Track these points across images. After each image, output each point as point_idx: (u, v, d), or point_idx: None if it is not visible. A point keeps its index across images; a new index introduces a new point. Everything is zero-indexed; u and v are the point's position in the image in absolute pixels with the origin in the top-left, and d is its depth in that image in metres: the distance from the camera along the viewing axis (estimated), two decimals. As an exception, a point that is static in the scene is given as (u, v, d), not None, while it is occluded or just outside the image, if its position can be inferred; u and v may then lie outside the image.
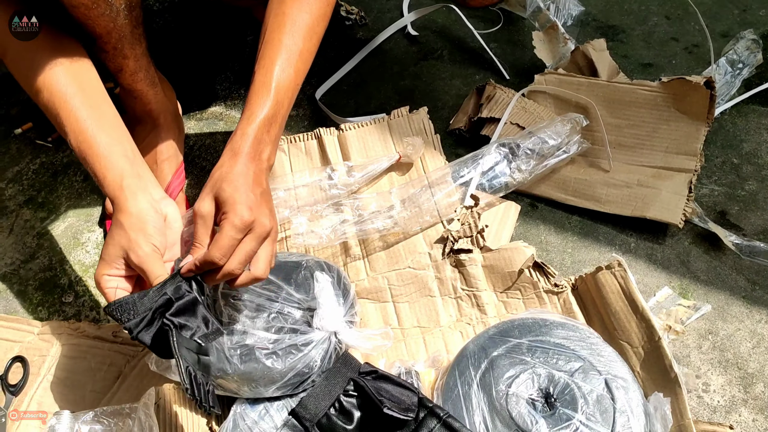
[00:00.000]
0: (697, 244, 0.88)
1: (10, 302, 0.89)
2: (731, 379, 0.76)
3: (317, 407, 0.69)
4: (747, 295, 0.83)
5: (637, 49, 1.13)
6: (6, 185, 1.03)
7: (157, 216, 0.66)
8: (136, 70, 0.87)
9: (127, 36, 0.81)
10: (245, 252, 0.64)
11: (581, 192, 0.92)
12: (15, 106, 1.14)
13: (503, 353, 0.71)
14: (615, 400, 0.66)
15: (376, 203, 0.90)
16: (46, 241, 0.96)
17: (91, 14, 0.75)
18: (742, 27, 1.13)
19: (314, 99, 1.09)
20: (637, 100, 0.94)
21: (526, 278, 0.82)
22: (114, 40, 0.80)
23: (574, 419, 0.64)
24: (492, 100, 0.98)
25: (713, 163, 0.96)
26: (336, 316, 0.73)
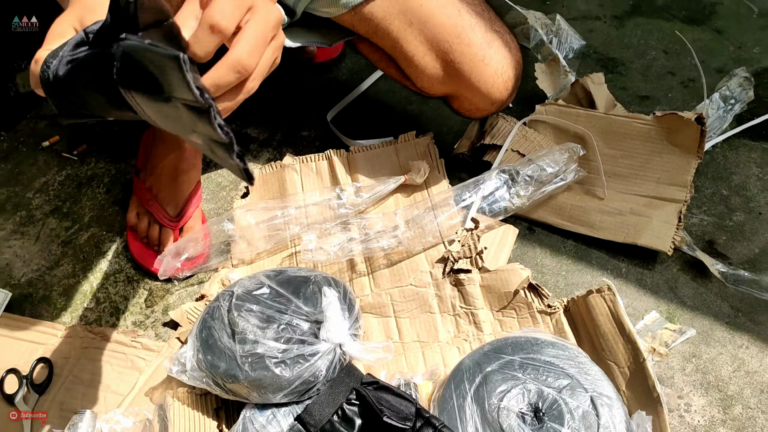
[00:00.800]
0: (685, 271, 0.92)
1: (35, 306, 0.94)
2: (712, 401, 0.80)
3: (321, 414, 0.73)
4: (730, 321, 0.87)
5: (635, 82, 1.17)
6: (33, 195, 1.08)
7: None
8: None
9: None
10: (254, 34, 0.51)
11: (576, 218, 0.97)
12: (43, 120, 1.20)
13: (496, 369, 0.75)
14: (599, 416, 0.70)
15: (382, 223, 0.95)
16: (70, 249, 1.01)
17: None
18: (736, 63, 1.18)
19: (326, 121, 1.15)
20: (632, 132, 0.99)
21: (521, 299, 0.87)
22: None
23: (560, 433, 0.69)
24: (494, 128, 1.03)
25: (703, 194, 1.00)
26: (341, 329, 0.77)
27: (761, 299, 0.87)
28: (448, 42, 0.89)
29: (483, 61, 0.90)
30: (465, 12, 0.90)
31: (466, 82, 0.92)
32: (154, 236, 0.98)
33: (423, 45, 0.91)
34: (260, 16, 0.52)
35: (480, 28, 0.90)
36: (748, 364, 0.83)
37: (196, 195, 1.01)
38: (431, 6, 0.89)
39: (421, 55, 0.91)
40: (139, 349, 0.87)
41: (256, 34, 0.51)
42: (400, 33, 0.91)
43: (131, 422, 0.78)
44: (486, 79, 0.92)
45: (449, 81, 0.93)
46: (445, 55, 0.90)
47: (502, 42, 0.92)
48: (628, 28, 1.27)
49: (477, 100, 0.95)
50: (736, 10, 1.28)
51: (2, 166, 1.12)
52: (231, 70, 0.50)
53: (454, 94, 0.97)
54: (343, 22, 0.95)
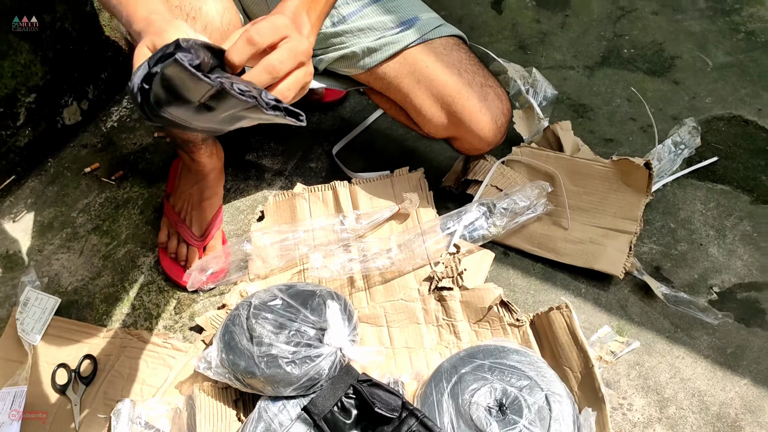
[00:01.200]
0: (634, 292, 1.07)
1: (80, 311, 1.08)
2: (650, 402, 0.95)
3: (324, 405, 0.86)
4: (670, 335, 1.02)
5: (601, 126, 1.33)
6: (77, 215, 1.22)
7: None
8: (203, 151, 1.07)
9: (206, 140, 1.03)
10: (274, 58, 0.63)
11: (544, 245, 1.12)
12: (84, 148, 1.34)
13: (470, 371, 0.89)
14: (552, 410, 0.84)
15: (378, 246, 1.09)
16: (110, 262, 1.15)
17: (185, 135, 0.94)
18: (690, 112, 1.33)
19: (331, 154, 1.30)
20: (593, 173, 1.14)
21: (494, 313, 1.01)
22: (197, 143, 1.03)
23: (519, 423, 0.82)
24: (477, 166, 1.17)
25: (654, 226, 1.15)
26: (342, 335, 0.91)
27: (697, 318, 1.02)
28: (451, 96, 1.04)
29: (480, 111, 1.05)
30: (464, 71, 1.05)
31: (466, 128, 1.07)
32: (182, 253, 1.12)
33: (429, 99, 1.06)
34: (294, 42, 0.65)
35: (476, 84, 1.05)
36: (683, 372, 0.98)
37: (218, 218, 1.14)
38: (435, 68, 1.04)
39: (428, 107, 1.06)
40: (169, 349, 1.01)
41: (288, 49, 0.64)
42: (410, 89, 1.06)
43: (165, 409, 0.92)
44: (482, 126, 1.06)
45: (452, 127, 1.08)
46: (449, 107, 1.05)
47: (494, 95, 1.07)
48: (597, 78, 1.43)
49: (475, 142, 1.09)
50: (693, 63, 1.44)
51: (50, 188, 1.27)
52: (264, 71, 0.62)
53: (456, 137, 1.11)
54: (359, 79, 1.10)
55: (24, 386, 0.95)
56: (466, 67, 1.05)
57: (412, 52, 1.04)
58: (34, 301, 1.04)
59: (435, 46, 1.05)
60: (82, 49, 1.28)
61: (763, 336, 1.00)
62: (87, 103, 1.35)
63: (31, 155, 1.27)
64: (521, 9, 1.60)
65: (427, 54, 1.04)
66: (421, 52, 1.04)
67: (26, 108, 1.21)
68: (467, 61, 1.06)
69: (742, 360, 0.98)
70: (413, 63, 1.04)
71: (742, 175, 1.22)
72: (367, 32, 1.06)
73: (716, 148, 1.26)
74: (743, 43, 1.47)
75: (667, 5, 1.57)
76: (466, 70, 1.05)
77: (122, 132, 1.37)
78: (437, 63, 1.04)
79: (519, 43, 1.51)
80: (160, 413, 0.91)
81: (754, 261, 1.10)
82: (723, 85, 1.38)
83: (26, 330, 1.01)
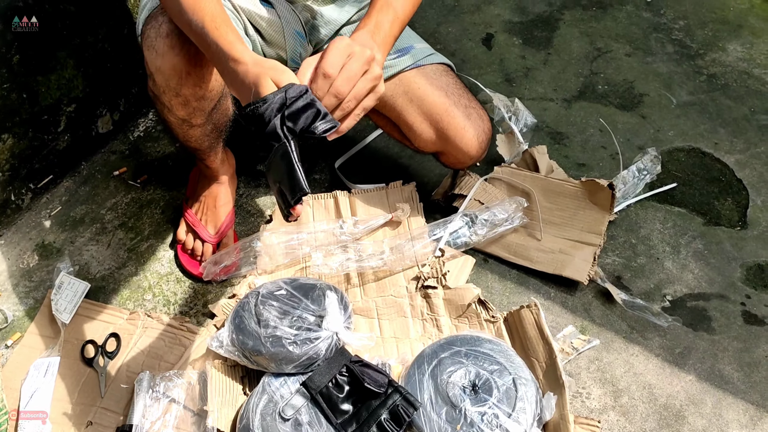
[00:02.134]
0: (597, 297, 1.17)
1: (107, 295, 1.17)
2: (606, 392, 1.04)
3: (320, 381, 0.94)
4: (626, 336, 1.12)
5: (575, 152, 1.44)
6: (106, 212, 1.32)
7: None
8: (214, 159, 1.17)
9: (214, 148, 1.13)
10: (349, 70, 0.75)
11: (520, 253, 1.22)
12: (114, 154, 1.44)
13: (448, 356, 0.99)
14: (517, 391, 0.93)
15: (372, 248, 1.19)
16: (134, 254, 1.25)
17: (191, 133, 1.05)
18: (654, 143, 1.44)
19: (334, 168, 1.40)
20: (564, 191, 1.25)
21: (472, 310, 1.11)
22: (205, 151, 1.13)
23: (489, 401, 0.91)
24: (462, 182, 1.28)
25: (617, 241, 1.26)
26: (338, 321, 0.99)
27: (650, 321, 1.11)
28: (439, 114, 1.15)
29: (464, 129, 1.16)
30: (451, 93, 1.16)
31: (452, 144, 1.17)
32: (198, 249, 1.22)
33: (420, 116, 1.17)
34: (356, 58, 0.76)
35: (461, 105, 1.16)
36: (636, 367, 1.07)
37: (229, 219, 1.24)
38: (426, 89, 1.15)
39: (418, 123, 1.17)
40: (185, 331, 1.10)
41: (349, 70, 0.75)
42: (403, 107, 1.17)
43: (180, 381, 1.01)
44: (466, 142, 1.17)
45: (439, 142, 1.18)
46: (437, 124, 1.16)
47: (477, 115, 1.18)
48: (574, 110, 1.55)
49: (460, 156, 1.19)
50: (659, 100, 1.56)
51: (82, 188, 1.37)
52: (331, 95, 0.75)
53: (443, 152, 1.21)
54: None
55: (57, 357, 1.05)
56: (453, 90, 1.17)
57: (407, 75, 1.16)
58: (67, 285, 1.14)
59: (427, 71, 1.16)
60: (117, 66, 1.40)
61: (707, 339, 1.11)
62: (118, 114, 1.46)
63: (68, 158, 1.37)
64: (509, 46, 1.73)
65: (420, 77, 1.16)
66: (414, 75, 1.16)
67: (67, 116, 1.32)
68: (454, 85, 1.17)
69: (688, 359, 1.08)
70: (407, 84, 1.15)
71: (697, 200, 1.33)
72: None
73: (676, 176, 1.37)
74: (705, 85, 1.59)
75: (639, 48, 1.70)
76: (452, 92, 1.16)
77: (148, 141, 1.48)
78: (428, 85, 1.15)
79: (505, 76, 1.64)
80: (176, 384, 1.00)
81: (703, 275, 1.20)
82: (685, 120, 1.50)
83: (59, 310, 1.11)
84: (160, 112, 1.05)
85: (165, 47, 0.93)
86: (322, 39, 1.15)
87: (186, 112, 1.01)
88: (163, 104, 1.01)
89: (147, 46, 0.95)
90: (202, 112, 1.03)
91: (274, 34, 1.08)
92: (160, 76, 0.96)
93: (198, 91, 0.98)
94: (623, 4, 1.84)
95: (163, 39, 0.93)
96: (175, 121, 1.04)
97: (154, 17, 0.95)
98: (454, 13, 1.83)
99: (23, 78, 1.19)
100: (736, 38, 1.71)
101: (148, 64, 0.96)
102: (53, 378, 1.03)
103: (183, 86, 0.96)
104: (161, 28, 0.93)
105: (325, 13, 1.11)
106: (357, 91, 0.77)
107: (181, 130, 1.06)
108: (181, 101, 0.99)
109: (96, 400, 1.02)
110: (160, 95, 0.99)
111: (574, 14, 1.82)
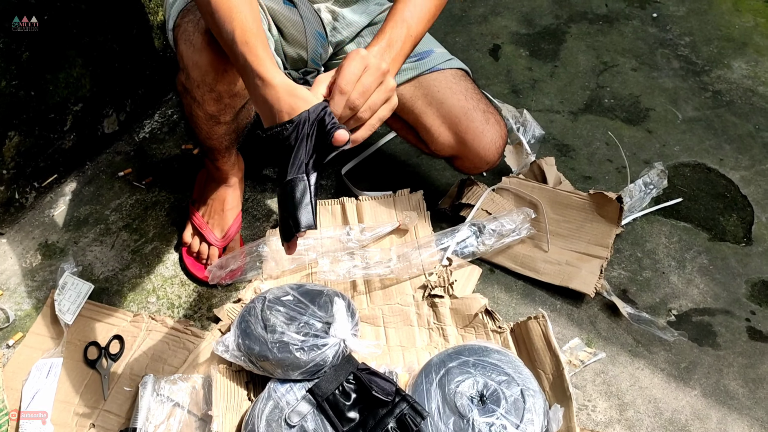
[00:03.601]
0: (603, 310, 1.18)
1: (111, 297, 1.17)
2: (612, 405, 1.05)
3: (327, 388, 0.94)
4: (632, 350, 1.12)
5: (582, 165, 1.45)
6: (110, 213, 1.31)
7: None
8: (227, 161, 1.17)
9: (230, 149, 1.14)
10: (363, 84, 0.77)
11: (526, 264, 1.22)
12: (119, 155, 1.44)
13: (456, 365, 0.99)
14: (526, 403, 0.94)
15: (379, 256, 1.19)
16: (138, 256, 1.24)
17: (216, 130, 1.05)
18: (660, 158, 1.45)
19: (341, 174, 1.41)
20: (572, 203, 1.26)
21: (479, 320, 1.11)
22: (222, 151, 1.13)
23: (497, 412, 0.91)
24: (470, 191, 1.28)
25: (623, 255, 1.27)
26: (345, 328, 0.99)
27: (656, 335, 1.12)
28: (458, 118, 1.15)
29: (482, 133, 1.16)
30: (469, 98, 1.16)
31: (469, 147, 1.17)
32: (203, 252, 1.21)
33: (438, 119, 1.17)
34: (370, 72, 0.78)
35: (479, 109, 1.17)
36: (642, 381, 1.08)
37: (237, 223, 1.24)
38: (445, 92, 1.16)
39: (437, 126, 1.17)
40: (189, 335, 1.10)
41: (364, 84, 0.77)
42: (422, 110, 1.17)
43: (184, 385, 1.00)
44: (484, 146, 1.17)
45: (457, 146, 1.18)
46: (455, 128, 1.16)
47: (495, 120, 1.18)
48: (580, 122, 1.56)
49: (476, 160, 1.20)
50: (665, 115, 1.57)
51: (86, 188, 1.37)
52: (346, 107, 0.77)
53: (459, 156, 1.21)
54: None
55: (60, 358, 1.04)
56: (471, 95, 1.17)
57: (426, 78, 1.16)
58: (70, 285, 1.13)
59: (446, 75, 1.17)
60: (125, 67, 1.40)
61: (713, 354, 1.11)
62: (125, 114, 1.46)
63: (73, 158, 1.37)
64: (516, 57, 1.74)
65: (439, 81, 1.16)
66: (434, 78, 1.16)
67: (73, 116, 1.32)
68: (472, 90, 1.18)
69: (693, 374, 1.08)
70: (426, 87, 1.16)
71: (702, 216, 1.34)
72: None
73: (681, 191, 1.39)
74: (710, 101, 1.61)
75: (645, 63, 1.72)
76: (471, 97, 1.17)
77: (153, 143, 1.48)
78: (447, 89, 1.16)
79: (512, 87, 1.65)
80: (180, 388, 1.00)
81: (708, 290, 1.21)
82: (690, 136, 1.52)
83: (62, 310, 1.10)
84: (187, 106, 1.04)
85: (204, 43, 0.92)
86: (342, 41, 1.16)
87: (217, 108, 1.01)
88: (194, 98, 1.00)
89: (184, 40, 0.94)
90: (232, 110, 1.02)
91: (296, 34, 1.09)
92: (197, 71, 0.95)
93: (233, 87, 0.98)
94: (629, 18, 1.86)
95: (203, 35, 0.92)
96: (203, 116, 1.03)
97: (191, 11, 0.95)
98: (462, 24, 1.84)
99: (31, 75, 1.19)
100: (741, 56, 1.73)
101: (184, 57, 0.95)
102: (56, 379, 1.02)
103: (219, 82, 0.96)
104: (200, 23, 0.92)
105: (347, 15, 1.13)
106: (372, 102, 0.79)
107: (207, 126, 1.06)
108: (215, 96, 0.98)
109: (99, 402, 1.01)
110: (193, 89, 0.98)
111: (580, 28, 1.83)
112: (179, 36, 0.96)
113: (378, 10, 1.17)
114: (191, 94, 0.99)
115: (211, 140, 1.10)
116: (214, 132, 1.08)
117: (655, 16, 1.87)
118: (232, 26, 0.81)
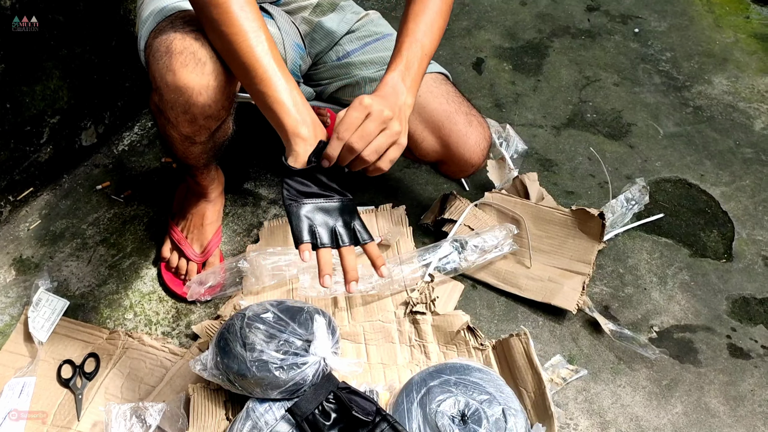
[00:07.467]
0: (585, 327, 1.18)
1: (86, 314, 1.15)
2: (594, 423, 1.05)
3: (306, 408, 0.93)
4: (614, 367, 1.13)
5: (564, 180, 1.47)
6: (87, 227, 1.30)
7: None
8: (206, 176, 1.16)
9: (208, 166, 1.13)
10: (364, 130, 0.81)
11: (508, 280, 1.23)
12: (97, 167, 1.42)
13: (437, 384, 0.99)
14: (507, 422, 0.94)
15: (360, 271, 1.19)
16: (115, 272, 1.23)
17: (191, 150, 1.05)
18: (642, 173, 1.47)
19: (323, 188, 1.40)
20: (554, 219, 1.27)
21: (461, 337, 1.11)
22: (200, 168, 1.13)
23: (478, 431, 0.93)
24: (452, 206, 1.29)
25: (605, 271, 1.28)
26: (326, 346, 0.98)
27: (638, 352, 1.13)
28: (441, 122, 1.15)
29: (466, 136, 1.16)
30: (450, 101, 1.17)
31: (453, 151, 1.17)
32: (182, 268, 1.20)
33: (421, 124, 1.16)
34: (372, 118, 0.82)
35: (462, 112, 1.17)
36: (623, 399, 1.08)
37: (216, 238, 1.23)
38: (427, 96, 1.16)
39: (420, 131, 1.17)
40: (167, 352, 1.09)
41: (364, 129, 0.81)
42: None
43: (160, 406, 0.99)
44: (468, 148, 1.17)
45: (441, 150, 1.18)
46: (438, 132, 1.16)
47: (477, 122, 1.18)
48: (563, 137, 1.57)
49: (462, 164, 1.19)
50: (646, 131, 1.59)
51: (63, 202, 1.35)
52: (345, 150, 0.82)
53: (444, 160, 1.21)
54: None
55: (33, 377, 1.02)
56: (452, 98, 1.17)
57: None
58: (45, 302, 1.12)
59: (426, 79, 1.16)
60: (104, 78, 1.39)
61: (694, 372, 1.12)
62: (103, 127, 1.44)
63: (49, 171, 1.35)
64: (499, 71, 1.76)
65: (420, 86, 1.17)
66: None
67: (50, 128, 1.30)
68: (453, 93, 1.18)
69: (675, 391, 1.09)
70: None
71: (683, 231, 1.36)
72: (369, 65, 1.18)
73: (663, 206, 1.40)
74: (691, 116, 1.63)
75: (627, 78, 1.74)
76: (452, 100, 1.17)
77: (132, 155, 1.46)
78: (428, 93, 1.16)
79: (495, 101, 1.66)
80: (156, 409, 0.98)
81: (690, 306, 1.22)
82: (671, 151, 1.54)
83: (36, 327, 1.08)
84: (161, 126, 1.01)
85: (178, 64, 0.89)
86: (321, 51, 1.16)
87: (191, 129, 0.98)
88: (168, 119, 0.97)
89: (155, 60, 0.92)
90: (207, 131, 1.00)
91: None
92: (170, 93, 0.92)
93: (207, 110, 0.95)
94: (611, 34, 1.89)
95: (176, 55, 0.89)
96: (177, 137, 1.01)
97: (164, 30, 0.93)
98: (445, 37, 1.85)
99: (7, 87, 1.18)
100: (721, 71, 1.76)
101: (157, 78, 0.92)
102: (28, 398, 1.00)
103: (193, 105, 0.93)
104: (174, 44, 0.90)
105: (324, 24, 1.13)
106: (377, 146, 0.83)
107: (182, 147, 1.04)
108: (189, 118, 0.96)
109: (72, 422, 1.00)
110: (166, 111, 0.95)
111: (563, 42, 1.86)
112: (150, 56, 0.94)
113: (354, 18, 1.17)
114: (165, 115, 0.96)
115: (187, 159, 1.09)
116: (190, 152, 1.06)
117: (636, 31, 1.90)
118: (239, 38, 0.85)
